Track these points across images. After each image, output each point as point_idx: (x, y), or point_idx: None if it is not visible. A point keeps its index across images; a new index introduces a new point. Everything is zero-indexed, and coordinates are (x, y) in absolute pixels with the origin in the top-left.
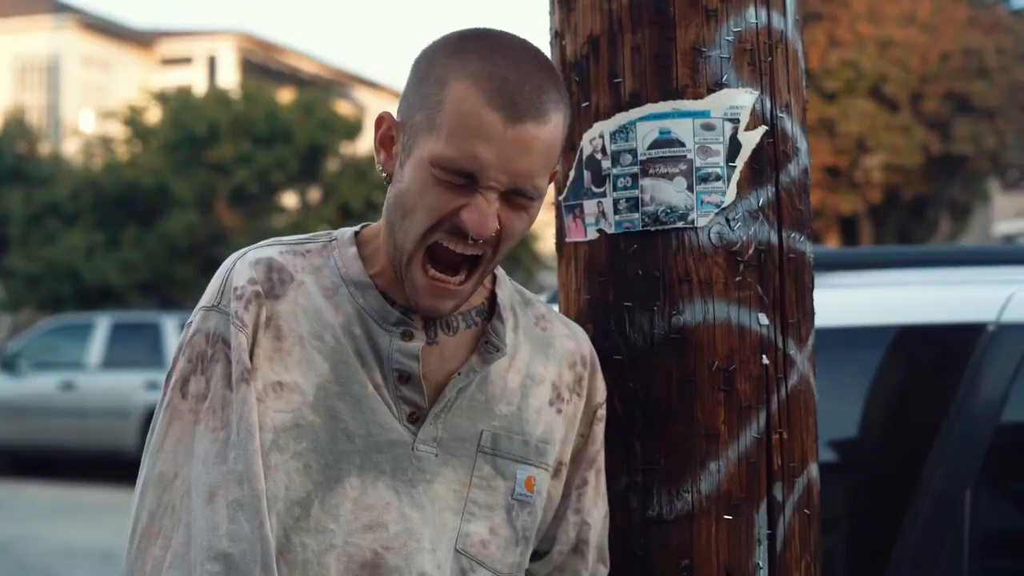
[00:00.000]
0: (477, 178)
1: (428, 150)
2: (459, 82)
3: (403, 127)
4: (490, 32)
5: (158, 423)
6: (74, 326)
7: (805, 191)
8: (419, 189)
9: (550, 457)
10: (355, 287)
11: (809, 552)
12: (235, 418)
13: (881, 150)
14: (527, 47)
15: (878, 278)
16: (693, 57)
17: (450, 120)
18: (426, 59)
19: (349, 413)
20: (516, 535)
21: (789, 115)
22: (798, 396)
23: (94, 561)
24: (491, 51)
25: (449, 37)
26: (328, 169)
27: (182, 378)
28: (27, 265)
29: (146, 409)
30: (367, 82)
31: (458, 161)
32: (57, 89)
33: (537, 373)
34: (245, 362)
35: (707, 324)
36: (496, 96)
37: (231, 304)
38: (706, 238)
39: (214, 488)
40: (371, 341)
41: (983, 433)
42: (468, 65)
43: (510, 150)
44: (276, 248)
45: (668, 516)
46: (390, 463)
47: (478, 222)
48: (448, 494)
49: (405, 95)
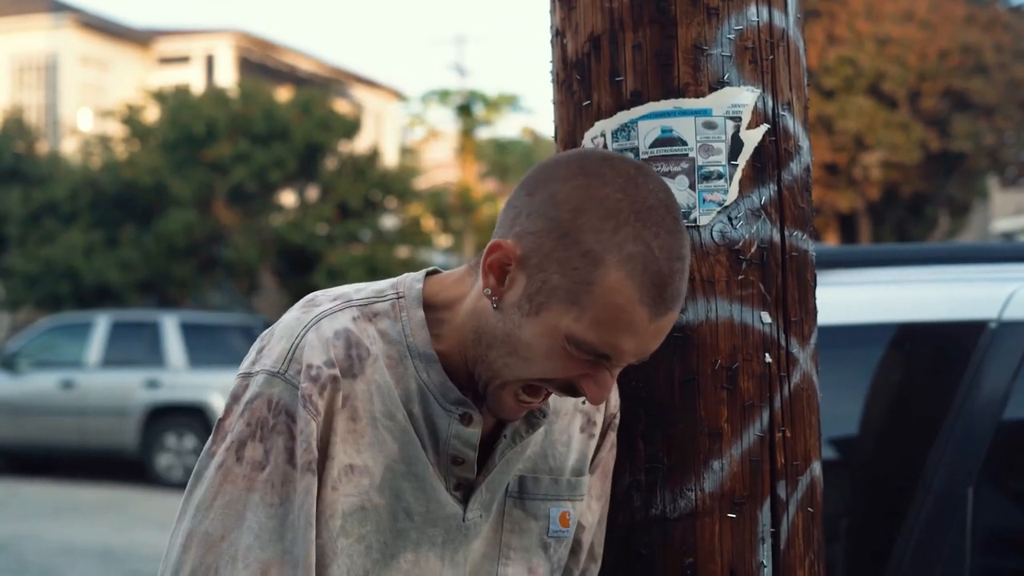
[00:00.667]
0: (611, 360)
1: (567, 325)
2: (615, 269)
3: (527, 268)
4: (632, 180)
5: (208, 479)
6: (73, 325)
7: (807, 189)
8: (544, 352)
9: (584, 487)
10: (420, 359)
11: (813, 550)
12: (297, 502)
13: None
14: (669, 203)
15: (879, 276)
16: (695, 55)
17: (599, 308)
18: (567, 208)
19: (412, 493)
20: (552, 568)
21: (791, 113)
22: (801, 394)
23: (93, 560)
24: (643, 224)
25: (591, 178)
26: (326, 168)
27: (239, 440)
28: (26, 264)
29: (145, 408)
30: (365, 80)
31: (598, 348)
32: (55, 88)
33: (557, 405)
34: (313, 451)
35: (710, 322)
36: (650, 291)
37: (302, 382)
38: (708, 236)
39: (267, 565)
40: (429, 421)
41: (985, 431)
42: (624, 246)
43: (650, 339)
44: (349, 315)
45: (671, 515)
46: (442, 535)
47: (600, 396)
48: (483, 544)
49: (534, 233)
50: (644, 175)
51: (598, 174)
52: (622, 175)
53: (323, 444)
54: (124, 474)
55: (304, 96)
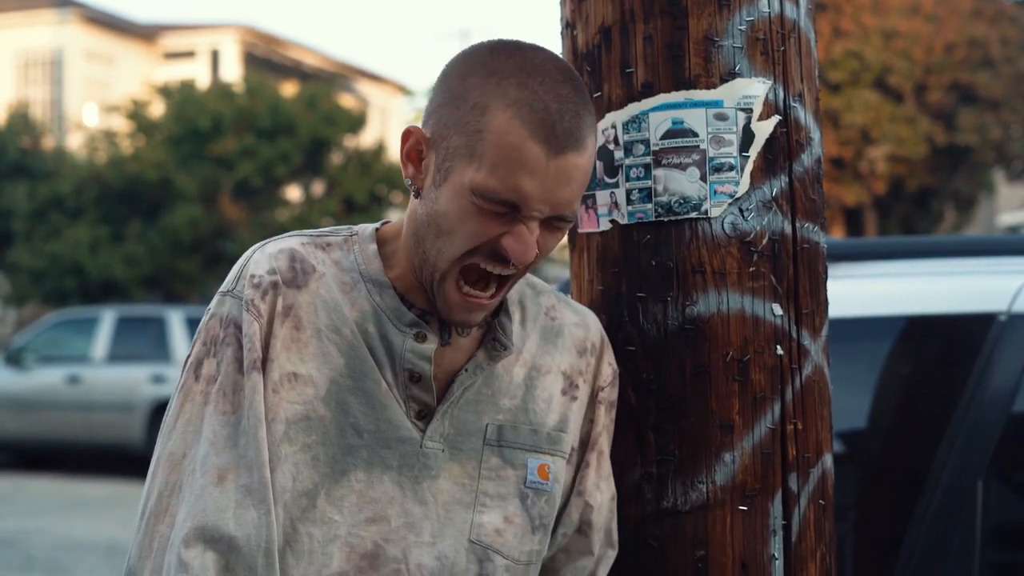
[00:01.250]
0: (520, 208)
1: (469, 178)
2: (500, 111)
3: (435, 145)
4: (520, 48)
5: (172, 404)
6: (79, 320)
7: (818, 181)
8: (458, 214)
9: (565, 445)
10: (373, 284)
11: (824, 543)
12: (246, 404)
13: (885, 141)
14: (559, 65)
15: (887, 269)
16: (706, 47)
17: (493, 152)
18: (457, 77)
19: (360, 408)
20: (533, 523)
21: (802, 104)
22: (812, 386)
23: (99, 554)
24: (528, 75)
25: (479, 53)
26: (332, 162)
27: (196, 361)
28: (31, 259)
29: (152, 403)
30: (370, 75)
31: (501, 193)
32: (60, 83)
33: (544, 364)
34: (257, 350)
35: (721, 315)
36: (539, 128)
37: (246, 291)
38: (720, 228)
39: (224, 471)
40: (384, 340)
41: (994, 424)
42: (508, 92)
43: (552, 181)
44: (298, 239)
45: (683, 507)
46: (397, 459)
47: (521, 251)
48: (455, 488)
49: (436, 111)
50: (535, 47)
51: (488, 47)
52: (510, 45)
53: (265, 347)
54: (130, 469)
55: (309, 91)
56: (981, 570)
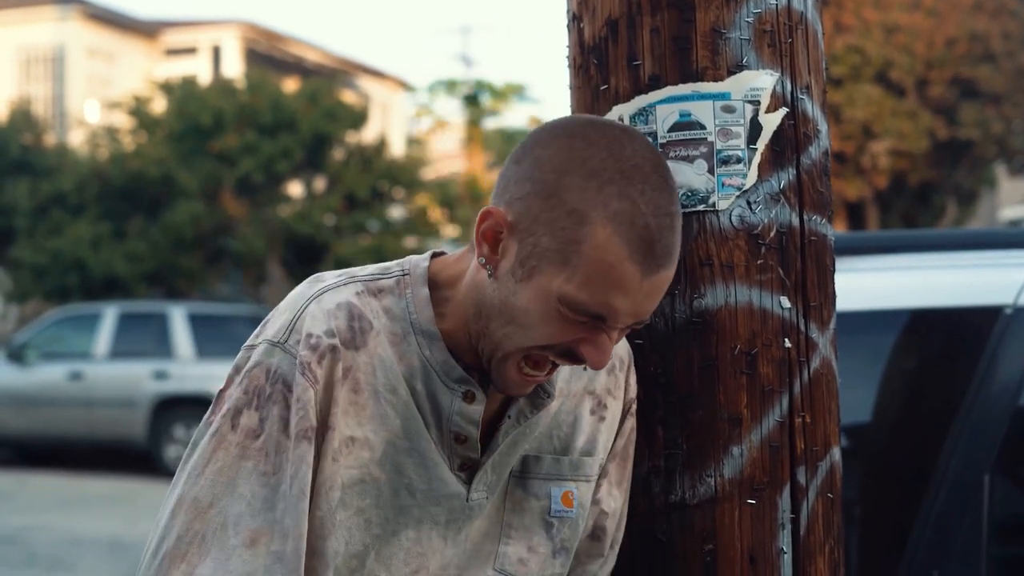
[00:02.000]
0: (607, 321)
1: (558, 287)
2: (601, 227)
3: (518, 235)
4: (617, 141)
5: (202, 446)
6: (81, 316)
7: (826, 173)
8: (539, 316)
9: (591, 469)
10: (423, 336)
11: (832, 536)
12: (290, 471)
13: (887, 136)
14: (655, 163)
15: (892, 262)
16: (713, 39)
17: (588, 267)
18: (552, 170)
19: (414, 469)
20: (555, 548)
21: (810, 97)
22: (820, 380)
23: (101, 551)
24: (628, 182)
25: (574, 140)
26: (333, 158)
27: (235, 408)
28: (33, 256)
29: (153, 399)
30: (372, 71)
31: (592, 308)
32: (62, 80)
33: (573, 389)
34: (310, 419)
35: (729, 307)
36: (639, 248)
37: (301, 351)
38: (727, 221)
39: (257, 534)
40: (432, 398)
41: (1001, 417)
42: (609, 203)
43: (644, 298)
44: (353, 289)
45: (691, 501)
46: (445, 515)
47: (599, 359)
48: (485, 523)
49: (523, 199)
50: (629, 136)
51: (582, 136)
52: (606, 136)
53: (323, 415)
54: (132, 465)
55: (311, 87)
56: (987, 564)
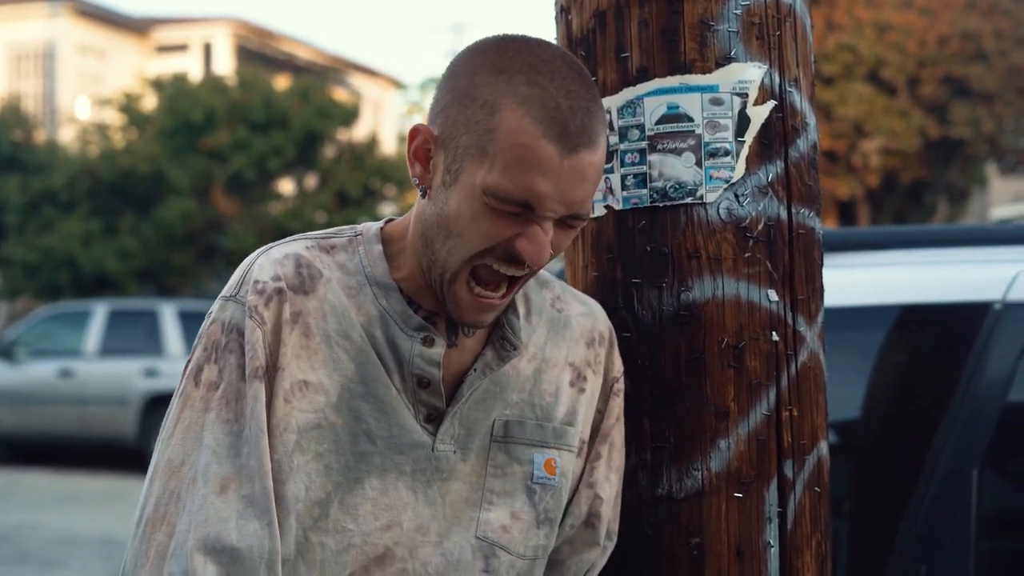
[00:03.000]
0: (534, 208)
1: (480, 179)
2: (511, 111)
3: (443, 144)
4: (527, 43)
5: (171, 410)
6: (72, 314)
7: (814, 166)
8: (470, 215)
9: (572, 438)
10: (379, 287)
11: (820, 530)
12: (248, 412)
13: (879, 134)
14: (568, 61)
15: (883, 258)
16: (701, 31)
17: (505, 151)
18: (465, 74)
19: (372, 415)
20: (538, 517)
21: (798, 90)
22: (808, 373)
23: (94, 548)
24: (537, 72)
25: (486, 50)
26: (325, 156)
27: (196, 366)
28: (24, 253)
29: (144, 396)
30: (363, 68)
31: (515, 193)
32: (53, 77)
33: (552, 356)
34: (260, 358)
35: (716, 300)
36: (551, 126)
37: (249, 296)
38: (715, 214)
39: (226, 480)
40: (392, 345)
41: (990, 412)
42: (518, 90)
43: (567, 180)
44: (302, 243)
45: (678, 494)
46: (411, 464)
47: (535, 252)
48: (464, 488)
49: (443, 109)
50: (540, 41)
51: (494, 44)
52: (516, 41)
53: (273, 356)
54: (123, 463)
55: (302, 84)
56: (976, 558)
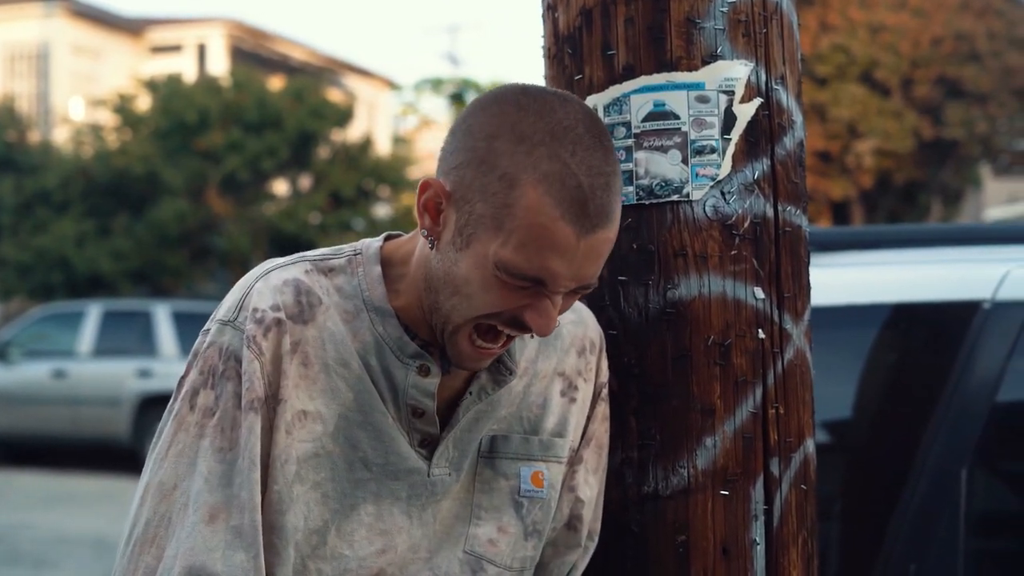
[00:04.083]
0: (547, 285)
1: (494, 252)
2: (531, 188)
3: (456, 204)
4: (548, 105)
5: (165, 430)
6: (65, 314)
7: (801, 164)
8: (480, 284)
9: (562, 449)
10: (376, 313)
11: (806, 528)
12: (242, 444)
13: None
14: (589, 125)
15: (874, 257)
16: (687, 28)
17: (522, 230)
18: (484, 136)
19: (368, 442)
20: (526, 530)
21: (784, 87)
22: (795, 371)
23: (86, 549)
24: (559, 143)
25: (506, 109)
26: (319, 156)
27: (192, 389)
28: (17, 254)
29: (138, 397)
30: (357, 69)
31: (529, 271)
32: (47, 77)
33: (541, 369)
34: (256, 390)
35: (702, 298)
36: (571, 207)
37: (248, 325)
38: (701, 211)
39: (216, 510)
40: (386, 373)
41: (979, 412)
42: (539, 165)
43: (582, 259)
44: (301, 267)
45: (664, 492)
46: (406, 490)
47: (543, 325)
48: (455, 504)
49: (457, 167)
50: (562, 100)
51: (513, 101)
52: (538, 101)
53: (273, 387)
54: (117, 463)
55: (297, 85)
56: (965, 558)
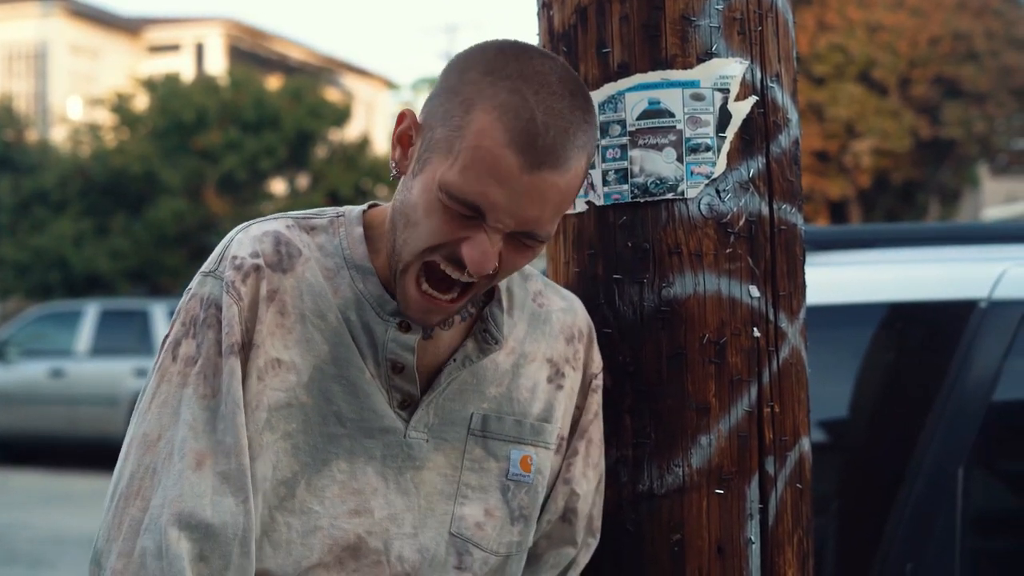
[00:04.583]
0: (484, 215)
1: (440, 173)
2: (485, 113)
3: (422, 133)
4: (528, 53)
5: (148, 384)
6: (63, 314)
7: (796, 162)
8: (425, 208)
9: (549, 435)
10: (356, 271)
11: (801, 527)
12: (224, 389)
13: (870, 135)
14: (564, 78)
15: (870, 256)
16: (682, 26)
17: (467, 151)
18: (458, 69)
19: (343, 397)
20: (512, 514)
21: (780, 85)
22: (790, 369)
23: (83, 548)
24: (525, 81)
25: (487, 49)
26: (316, 156)
27: (175, 341)
28: (15, 253)
29: (135, 396)
30: (355, 68)
31: (467, 195)
32: (45, 76)
33: (531, 351)
34: (235, 334)
35: (697, 296)
36: (518, 137)
37: (227, 272)
38: (696, 209)
39: (202, 456)
40: (367, 328)
41: (975, 411)
42: (498, 94)
43: (522, 196)
44: (283, 222)
45: (659, 491)
46: (381, 449)
47: (477, 260)
48: (439, 479)
49: (432, 98)
50: (546, 56)
51: (497, 46)
52: (519, 48)
53: (249, 332)
54: (114, 463)
55: (294, 84)
56: (962, 557)
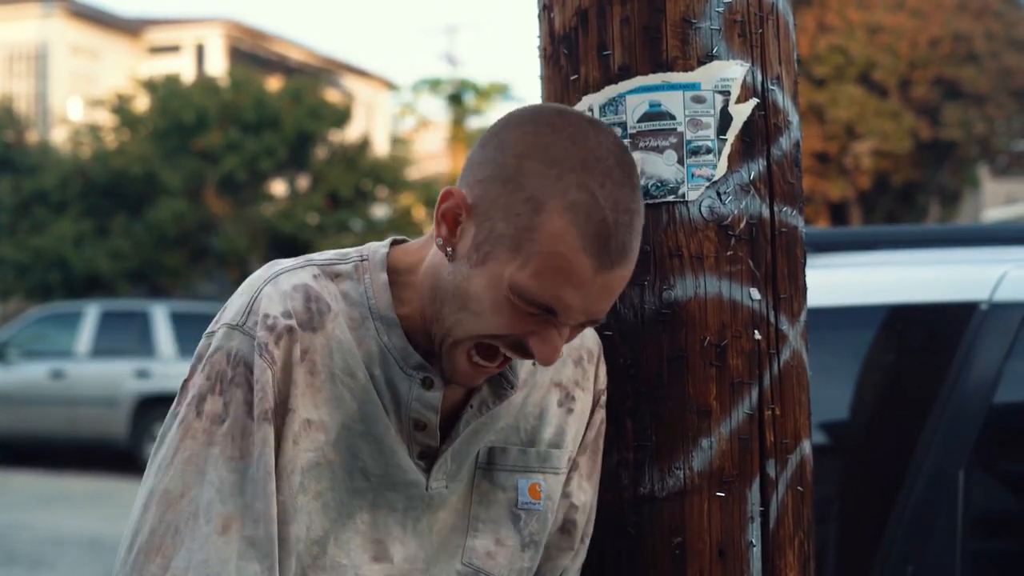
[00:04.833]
0: (557, 315)
1: (510, 275)
2: (557, 215)
3: (476, 218)
4: (583, 131)
5: (169, 436)
6: (63, 315)
7: (797, 164)
8: (491, 304)
9: (559, 461)
10: (381, 322)
11: (803, 530)
12: (255, 454)
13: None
14: (620, 158)
15: (871, 258)
16: (683, 29)
17: (541, 256)
18: (514, 153)
19: (369, 453)
20: (524, 541)
21: (780, 88)
22: (791, 372)
23: (83, 549)
24: (589, 173)
25: (540, 128)
26: (317, 157)
27: (199, 395)
28: (16, 254)
29: (135, 398)
30: (356, 69)
31: (541, 299)
32: (45, 77)
33: (538, 380)
34: (269, 400)
35: (698, 299)
36: (593, 242)
37: (259, 332)
38: (697, 212)
39: (229, 520)
40: (390, 384)
41: (976, 413)
42: (567, 193)
43: (596, 295)
44: (309, 272)
45: (660, 493)
46: (403, 502)
47: (548, 354)
48: (452, 516)
49: (483, 182)
50: (596, 127)
51: (548, 123)
52: (572, 125)
53: (283, 396)
54: (114, 464)
55: (294, 85)
56: (962, 558)
